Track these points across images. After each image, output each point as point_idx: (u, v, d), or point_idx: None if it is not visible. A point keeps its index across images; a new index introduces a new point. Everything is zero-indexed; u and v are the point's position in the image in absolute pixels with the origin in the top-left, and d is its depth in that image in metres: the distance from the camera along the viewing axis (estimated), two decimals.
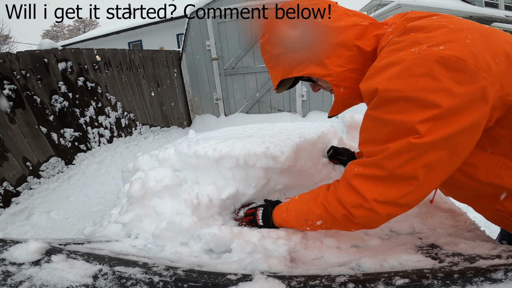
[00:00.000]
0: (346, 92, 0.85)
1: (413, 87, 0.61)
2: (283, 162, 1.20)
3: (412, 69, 0.62)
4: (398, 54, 0.65)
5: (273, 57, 0.89)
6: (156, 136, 5.00)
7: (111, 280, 0.57)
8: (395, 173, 0.67)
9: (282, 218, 1.00)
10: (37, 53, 3.36)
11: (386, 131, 0.67)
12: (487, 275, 0.51)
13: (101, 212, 2.86)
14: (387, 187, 0.70)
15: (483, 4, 12.27)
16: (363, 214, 0.74)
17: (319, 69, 0.82)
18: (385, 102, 0.66)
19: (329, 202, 0.82)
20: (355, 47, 0.79)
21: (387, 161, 0.68)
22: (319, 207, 0.85)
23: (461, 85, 0.59)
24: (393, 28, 0.77)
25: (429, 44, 0.62)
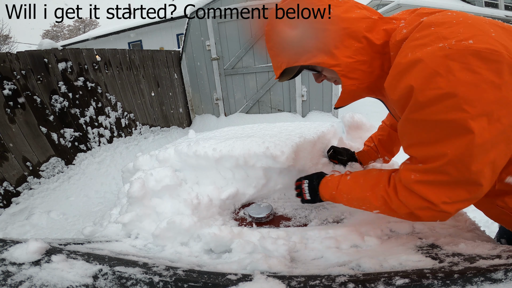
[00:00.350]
0: (353, 83, 0.84)
1: (454, 83, 0.59)
2: (283, 162, 1.20)
3: (448, 65, 0.60)
4: (425, 49, 0.64)
5: (279, 44, 0.87)
6: (156, 136, 5.00)
7: (111, 280, 0.57)
8: (461, 177, 0.66)
9: (331, 195, 0.99)
10: (37, 53, 3.36)
11: (436, 133, 0.65)
12: (487, 275, 0.51)
13: (101, 212, 2.86)
14: (455, 190, 0.68)
15: (483, 4, 12.27)
16: (431, 215, 0.74)
17: (327, 59, 0.81)
18: (428, 103, 0.63)
19: (391, 199, 0.81)
20: (365, 39, 0.79)
21: (449, 167, 0.66)
22: (378, 200, 0.84)
23: (501, 76, 0.58)
24: (406, 23, 0.76)
25: (457, 38, 0.61)
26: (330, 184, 1.00)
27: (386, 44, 0.80)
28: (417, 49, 0.65)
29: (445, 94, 0.60)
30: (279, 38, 0.86)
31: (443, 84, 0.60)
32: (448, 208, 0.70)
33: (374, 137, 1.36)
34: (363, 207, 0.90)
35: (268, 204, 1.20)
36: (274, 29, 0.87)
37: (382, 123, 1.35)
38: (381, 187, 0.84)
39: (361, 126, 1.72)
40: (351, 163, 1.35)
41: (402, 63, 0.67)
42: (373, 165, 1.41)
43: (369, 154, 1.35)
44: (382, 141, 1.31)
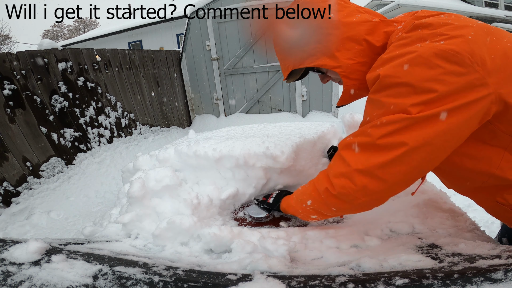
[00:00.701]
0: (354, 84, 0.90)
1: (411, 74, 0.66)
2: (283, 162, 1.20)
3: (413, 60, 0.67)
4: (404, 48, 0.70)
5: (285, 49, 0.95)
6: (156, 136, 5.00)
7: (111, 280, 0.57)
8: (379, 141, 0.71)
9: (287, 204, 1.06)
10: (37, 53, 3.36)
11: (381, 112, 0.72)
12: (487, 275, 0.51)
13: (101, 212, 2.86)
14: (368, 155, 0.74)
15: (483, 4, 12.27)
16: (341, 184, 0.78)
17: (330, 61, 0.87)
18: (384, 87, 0.71)
19: (318, 178, 0.89)
20: (365, 42, 0.84)
21: (374, 129, 0.72)
22: (309, 186, 0.93)
23: (455, 76, 0.64)
24: (403, 26, 0.81)
25: (433, 40, 0.67)
26: (291, 195, 1.07)
27: (385, 46, 0.84)
28: (399, 48, 0.72)
29: (400, 82, 0.68)
30: (285, 43, 0.93)
31: (401, 74, 0.68)
32: (356, 177, 0.75)
33: None
34: (303, 204, 0.95)
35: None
36: (280, 34, 0.94)
37: None
38: (315, 178, 0.93)
39: None
40: None
41: (382, 58, 0.74)
42: None
43: None
44: None
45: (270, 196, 1.16)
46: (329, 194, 0.82)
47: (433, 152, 0.69)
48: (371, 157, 0.73)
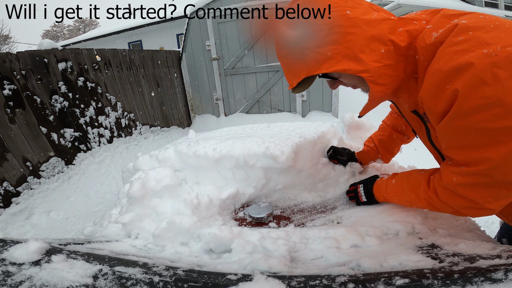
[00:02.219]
0: (382, 90, 0.80)
1: (501, 92, 0.58)
2: (283, 162, 1.20)
3: (495, 73, 0.58)
4: (467, 55, 0.61)
5: (295, 52, 0.80)
6: (156, 136, 5.00)
7: (111, 280, 0.57)
8: (505, 180, 0.66)
9: (384, 197, 1.05)
10: (37, 53, 3.36)
11: (482, 139, 0.64)
12: (487, 275, 0.51)
13: (101, 212, 2.86)
14: (499, 190, 0.69)
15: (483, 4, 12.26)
16: (475, 212, 0.76)
17: (353, 65, 0.75)
18: (473, 111, 0.62)
19: (434, 200, 0.84)
20: (390, 42, 0.75)
21: (494, 171, 0.66)
22: (422, 202, 0.89)
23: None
24: (433, 25, 0.73)
25: (501, 44, 0.60)
26: (381, 188, 1.07)
27: (410, 46, 0.76)
28: (458, 55, 0.63)
29: (492, 103, 0.59)
30: (296, 45, 0.80)
31: (490, 93, 0.59)
32: (492, 206, 0.72)
33: (374, 137, 1.36)
34: (414, 206, 0.96)
35: (268, 204, 1.20)
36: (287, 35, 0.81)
37: (382, 123, 1.35)
38: (422, 190, 0.87)
39: (361, 126, 1.72)
40: (351, 163, 1.35)
41: (443, 71, 0.65)
42: (372, 165, 1.41)
43: (369, 154, 1.35)
44: (383, 141, 1.31)
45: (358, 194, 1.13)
46: (459, 214, 0.81)
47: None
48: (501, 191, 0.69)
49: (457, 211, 0.80)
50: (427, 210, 0.94)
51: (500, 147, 0.62)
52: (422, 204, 0.90)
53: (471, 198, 0.73)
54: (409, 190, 0.94)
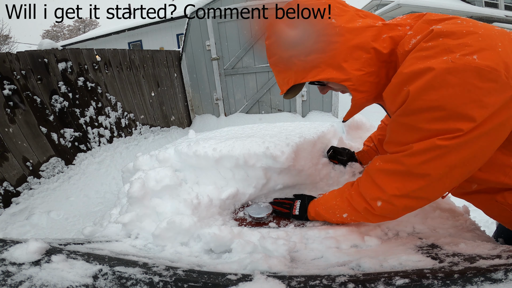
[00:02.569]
0: (364, 96, 0.83)
1: (445, 98, 0.61)
2: (283, 162, 1.20)
3: (446, 79, 0.61)
4: (429, 61, 0.64)
5: (283, 60, 0.84)
6: (156, 136, 5.00)
7: (111, 280, 0.57)
8: (414, 170, 0.70)
9: (316, 212, 1.04)
10: (37, 53, 3.36)
11: (414, 136, 0.69)
12: (487, 275, 0.51)
13: (101, 212, 2.86)
14: (404, 182, 0.73)
15: (483, 4, 12.26)
16: (382, 206, 0.78)
17: (337, 73, 0.79)
18: (418, 111, 0.66)
19: (352, 197, 0.88)
20: (373, 49, 0.77)
21: (408, 158, 0.70)
22: (343, 202, 0.91)
23: (491, 95, 0.60)
24: (414, 31, 0.75)
25: (463, 52, 0.62)
26: (316, 202, 1.06)
27: (392, 52, 0.79)
28: (421, 60, 0.66)
29: (432, 106, 0.63)
30: (284, 53, 0.82)
31: (434, 97, 0.63)
32: (395, 201, 0.75)
33: (374, 136, 1.36)
34: (337, 214, 0.95)
35: (268, 204, 1.20)
36: (277, 43, 0.83)
37: (381, 123, 1.35)
38: (347, 191, 0.92)
39: (361, 126, 1.72)
40: (351, 163, 1.35)
41: (403, 73, 0.68)
42: None
43: (368, 153, 1.35)
44: (382, 141, 1.31)
45: (293, 207, 1.10)
46: (370, 213, 0.83)
47: (468, 171, 0.69)
48: (407, 183, 0.72)
49: (368, 204, 0.81)
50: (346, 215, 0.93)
51: (424, 141, 0.67)
52: (343, 204, 0.91)
53: (381, 185, 0.77)
54: (336, 195, 0.96)
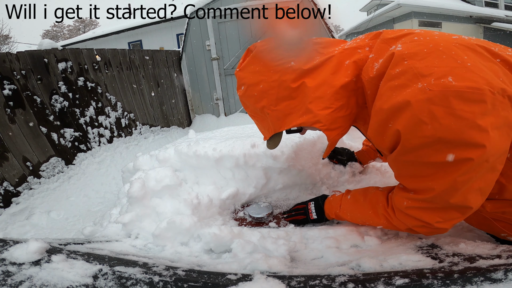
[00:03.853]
0: (338, 133, 0.82)
1: (439, 130, 0.59)
2: (283, 162, 1.20)
3: (432, 111, 0.59)
4: (404, 91, 0.62)
5: (257, 111, 0.84)
6: (156, 136, 5.00)
7: (111, 280, 0.57)
8: (448, 205, 0.69)
9: (336, 214, 1.00)
10: (37, 53, 3.36)
11: (425, 170, 0.67)
12: (487, 275, 0.51)
13: (101, 212, 2.86)
14: (446, 212, 0.71)
15: (483, 4, 12.26)
16: (428, 231, 0.77)
17: (306, 117, 0.77)
18: (418, 148, 0.64)
19: (391, 217, 0.83)
20: (335, 82, 0.76)
21: (436, 198, 0.69)
22: (379, 217, 0.88)
23: (486, 116, 0.57)
24: (374, 53, 0.74)
25: (435, 76, 0.60)
26: (334, 204, 1.02)
27: (357, 79, 0.77)
28: (396, 92, 0.64)
29: (432, 142, 0.61)
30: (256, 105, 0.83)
31: (429, 133, 0.60)
32: (442, 226, 0.73)
33: None
34: (367, 223, 0.94)
35: (268, 204, 1.20)
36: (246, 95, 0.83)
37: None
38: (381, 206, 0.87)
39: None
40: (350, 163, 1.35)
41: (384, 109, 0.66)
42: (372, 164, 1.41)
43: (368, 153, 1.35)
44: None
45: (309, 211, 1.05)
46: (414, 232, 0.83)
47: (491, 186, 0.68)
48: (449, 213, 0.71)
49: (411, 229, 0.80)
50: (381, 227, 0.93)
51: (440, 178, 0.65)
52: (380, 220, 0.88)
53: (422, 219, 0.74)
54: (367, 206, 0.91)
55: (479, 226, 0.90)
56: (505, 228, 0.80)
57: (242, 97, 0.85)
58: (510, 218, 0.77)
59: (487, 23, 11.06)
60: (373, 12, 14.13)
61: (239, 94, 0.86)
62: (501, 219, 0.79)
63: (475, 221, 0.88)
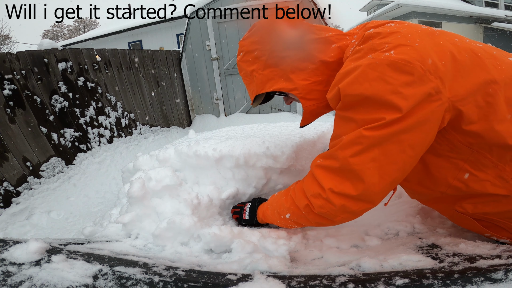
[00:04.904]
0: (313, 104, 0.91)
1: (369, 89, 0.67)
2: (283, 162, 1.20)
3: (367, 74, 0.67)
4: (358, 61, 0.71)
5: (247, 74, 0.96)
6: (156, 136, 5.00)
7: (111, 280, 0.57)
8: (346, 164, 0.71)
9: (263, 214, 1.03)
10: (37, 53, 3.36)
11: (347, 127, 0.73)
12: (487, 275, 0.51)
13: (101, 212, 2.86)
14: (341, 180, 0.74)
15: (483, 4, 12.26)
16: (321, 204, 0.77)
17: (286, 84, 0.88)
18: (349, 104, 0.71)
19: (296, 192, 0.88)
20: (318, 60, 0.85)
21: (340, 151, 0.73)
22: (287, 199, 0.91)
23: (410, 87, 0.64)
24: (356, 39, 0.82)
25: (382, 49, 0.68)
26: (265, 204, 1.05)
27: (340, 61, 0.85)
28: (354, 61, 0.72)
29: (360, 100, 0.69)
30: (248, 68, 0.94)
31: (359, 91, 0.68)
32: (333, 198, 0.74)
33: None
34: (281, 215, 0.93)
35: None
36: (242, 59, 0.96)
37: None
38: (291, 188, 0.92)
39: None
40: None
41: (340, 74, 0.75)
42: None
43: None
44: None
45: (243, 211, 1.10)
46: (310, 211, 0.82)
47: (399, 166, 0.70)
48: (344, 182, 0.73)
49: (309, 201, 0.80)
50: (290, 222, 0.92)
51: (351, 130, 0.71)
52: (287, 202, 0.90)
53: (320, 181, 0.77)
54: (283, 193, 0.97)
55: (464, 226, 0.90)
56: (488, 228, 0.80)
57: (239, 62, 0.98)
58: (492, 219, 0.78)
59: (487, 23, 11.05)
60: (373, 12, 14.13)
61: (237, 59, 0.98)
62: (483, 219, 0.79)
63: (459, 221, 0.88)
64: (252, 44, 0.92)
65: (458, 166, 0.73)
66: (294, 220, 0.91)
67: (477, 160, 0.71)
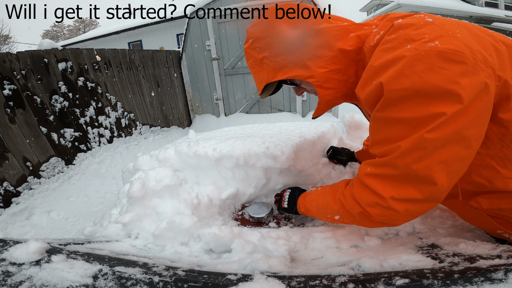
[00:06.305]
0: (330, 93, 0.86)
1: (420, 83, 0.61)
2: (283, 162, 1.20)
3: (414, 65, 0.61)
4: (395, 52, 0.66)
5: (257, 61, 0.91)
6: (156, 136, 5.00)
7: (111, 280, 0.57)
8: (409, 171, 0.66)
9: (305, 208, 1.01)
10: (37, 53, 3.36)
11: (399, 129, 0.66)
12: (487, 275, 0.51)
13: (101, 212, 2.86)
14: (404, 186, 0.68)
15: (483, 4, 12.26)
16: (380, 213, 0.73)
17: (302, 71, 0.83)
18: (396, 101, 0.64)
19: (346, 199, 0.82)
20: (336, 48, 0.81)
21: (399, 160, 0.66)
22: (336, 203, 0.86)
23: (465, 77, 0.59)
24: (378, 28, 0.78)
25: (424, 40, 0.63)
26: (306, 197, 1.03)
27: (359, 51, 0.81)
28: (388, 52, 0.67)
29: (409, 95, 0.62)
30: (258, 55, 0.89)
31: (408, 85, 0.62)
32: (396, 205, 0.70)
33: None
34: (328, 215, 0.91)
35: (268, 204, 1.20)
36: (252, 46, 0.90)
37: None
38: (340, 190, 0.87)
39: (361, 125, 1.71)
40: (351, 163, 1.35)
41: (374, 67, 0.69)
42: None
43: (368, 153, 1.35)
44: None
45: (282, 198, 1.09)
46: (366, 218, 0.78)
47: (464, 163, 0.66)
48: (407, 188, 0.68)
49: (364, 210, 0.76)
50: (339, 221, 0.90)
51: (408, 135, 0.64)
52: (335, 205, 0.86)
53: (376, 190, 0.72)
54: (329, 193, 0.91)
55: (474, 222, 0.89)
56: (501, 225, 0.79)
57: (247, 49, 0.92)
58: (506, 215, 0.77)
59: (487, 23, 11.05)
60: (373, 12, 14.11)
61: (245, 47, 0.93)
62: (497, 215, 0.78)
63: (471, 217, 0.86)
64: (263, 31, 0.87)
65: (485, 162, 0.71)
66: (343, 221, 0.88)
67: (505, 156, 0.69)
